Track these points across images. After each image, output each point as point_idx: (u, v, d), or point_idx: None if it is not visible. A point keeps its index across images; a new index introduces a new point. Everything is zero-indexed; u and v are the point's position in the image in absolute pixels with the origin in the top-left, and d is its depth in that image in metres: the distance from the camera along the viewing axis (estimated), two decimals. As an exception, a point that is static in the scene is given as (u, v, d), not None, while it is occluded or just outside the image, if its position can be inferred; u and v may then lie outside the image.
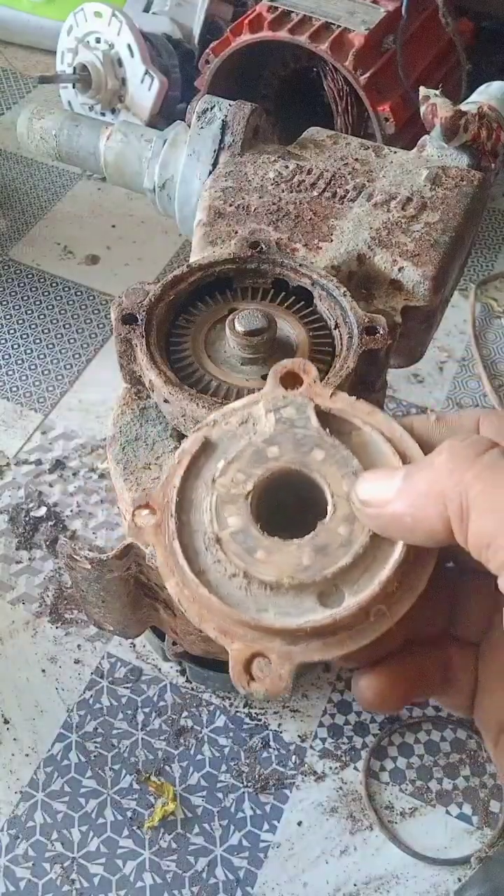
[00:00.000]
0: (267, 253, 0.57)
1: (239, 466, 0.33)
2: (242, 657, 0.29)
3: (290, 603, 0.30)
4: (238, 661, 0.29)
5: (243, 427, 0.34)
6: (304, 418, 0.34)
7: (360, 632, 0.30)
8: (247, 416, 0.34)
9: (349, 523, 0.31)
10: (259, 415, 0.34)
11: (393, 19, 1.16)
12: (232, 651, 0.29)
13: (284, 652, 0.29)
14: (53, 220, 1.40)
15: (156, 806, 0.82)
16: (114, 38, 1.35)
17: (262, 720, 0.88)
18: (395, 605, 0.30)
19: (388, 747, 0.87)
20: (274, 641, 0.30)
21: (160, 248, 1.35)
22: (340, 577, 0.30)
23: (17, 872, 0.79)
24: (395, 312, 0.59)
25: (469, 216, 0.65)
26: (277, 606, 0.30)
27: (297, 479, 0.33)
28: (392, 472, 0.29)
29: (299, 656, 0.29)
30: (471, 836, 0.82)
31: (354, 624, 0.30)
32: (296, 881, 0.79)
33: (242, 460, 0.33)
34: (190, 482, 0.33)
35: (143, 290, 0.54)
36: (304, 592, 0.30)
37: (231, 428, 0.34)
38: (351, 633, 0.30)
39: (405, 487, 0.28)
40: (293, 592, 0.30)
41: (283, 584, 0.30)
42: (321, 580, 0.30)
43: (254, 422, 0.34)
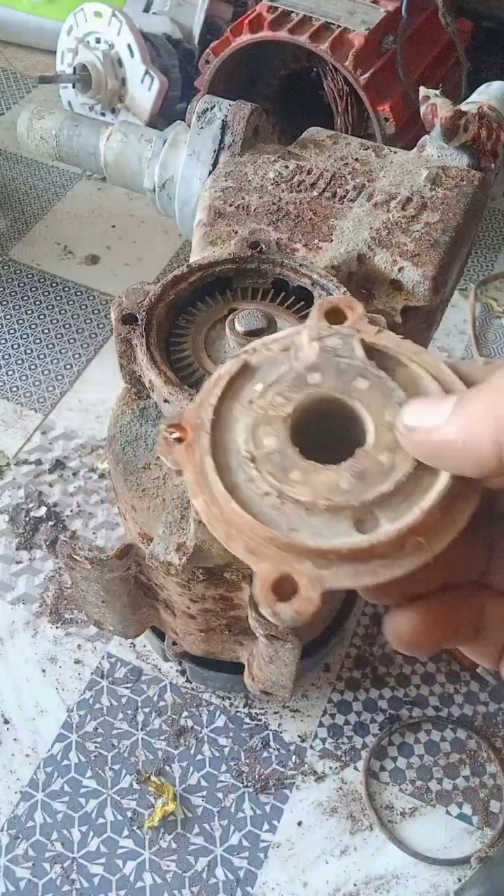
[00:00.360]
0: (267, 253, 0.57)
1: (278, 390, 0.32)
2: (271, 577, 0.28)
3: (325, 525, 0.29)
4: (266, 581, 0.28)
5: (285, 354, 0.33)
6: (349, 348, 0.33)
7: (395, 562, 0.29)
8: (289, 344, 0.34)
9: (391, 452, 0.30)
10: (302, 343, 0.33)
11: (393, 19, 1.16)
12: (260, 571, 0.28)
13: (315, 575, 0.28)
14: (53, 220, 1.40)
15: (156, 806, 0.82)
16: (114, 38, 1.35)
17: (262, 720, 0.88)
18: (434, 539, 0.29)
19: (388, 747, 0.87)
20: (304, 564, 0.28)
21: (160, 248, 1.35)
22: (379, 504, 0.29)
23: (17, 872, 0.79)
24: (395, 312, 0.59)
25: (469, 216, 0.65)
26: (311, 528, 0.29)
27: (337, 409, 0.32)
28: (443, 399, 0.28)
29: (330, 580, 0.28)
30: (471, 836, 0.82)
31: (390, 553, 0.29)
32: (296, 881, 0.79)
33: (282, 384, 0.32)
34: (226, 403, 0.32)
35: (143, 290, 0.54)
36: (339, 516, 0.29)
37: (272, 354, 0.33)
38: (385, 562, 0.28)
39: (459, 411, 0.27)
40: (328, 515, 0.29)
41: (319, 506, 0.29)
42: (359, 505, 0.29)
43: (296, 349, 0.33)
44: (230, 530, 0.30)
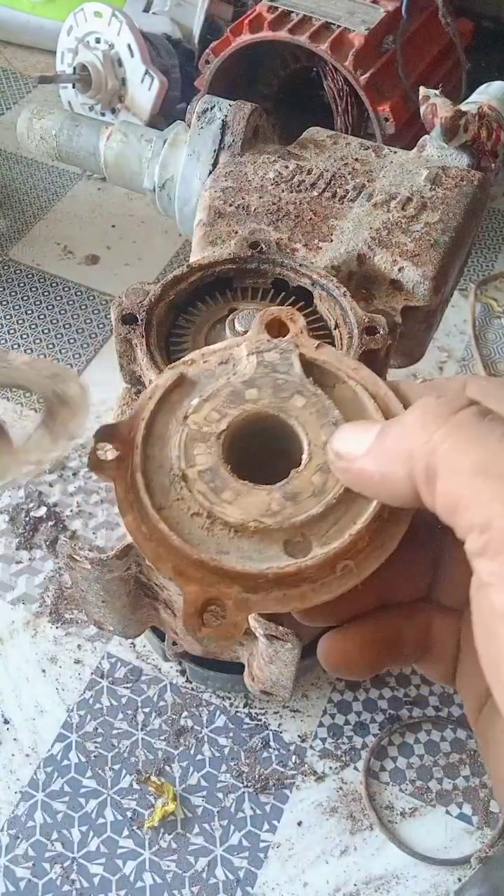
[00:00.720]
0: (267, 253, 0.57)
1: (214, 405, 0.31)
2: (198, 601, 0.28)
3: (254, 548, 0.29)
4: (192, 605, 0.27)
5: (222, 367, 0.33)
6: (287, 364, 0.32)
7: (323, 586, 0.28)
8: (227, 357, 0.33)
9: (324, 473, 0.30)
10: (240, 356, 0.33)
11: (393, 19, 1.16)
12: (187, 594, 0.28)
13: (241, 599, 0.28)
14: (53, 220, 1.40)
15: (156, 806, 0.82)
16: (114, 38, 1.35)
17: (262, 720, 0.88)
18: (364, 562, 0.29)
19: (388, 747, 0.87)
20: (232, 587, 0.28)
21: (160, 248, 1.35)
22: (309, 527, 0.29)
23: (17, 872, 0.79)
24: (395, 312, 0.59)
25: (469, 216, 0.65)
26: (240, 550, 0.29)
27: (273, 425, 0.32)
28: (369, 426, 0.28)
29: (257, 605, 0.28)
30: (471, 836, 0.82)
31: (319, 577, 0.28)
32: (296, 881, 0.79)
33: (218, 399, 0.31)
34: (160, 417, 0.31)
35: (143, 290, 0.54)
36: (269, 538, 0.29)
37: (209, 367, 0.33)
38: (314, 586, 0.28)
39: (377, 444, 0.27)
40: (258, 537, 0.29)
41: (248, 528, 0.29)
42: (288, 527, 0.29)
43: (234, 363, 0.33)
44: (159, 550, 0.29)
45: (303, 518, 0.29)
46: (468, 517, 0.23)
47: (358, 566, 0.29)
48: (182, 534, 0.29)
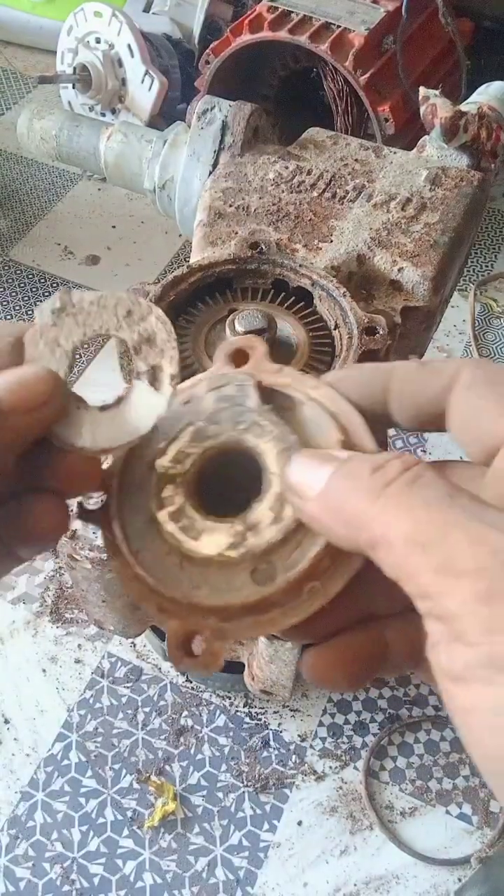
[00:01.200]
0: (267, 253, 0.57)
1: (179, 446, 0.32)
2: (179, 634, 0.29)
3: (223, 580, 0.30)
4: (174, 638, 0.29)
5: (186, 407, 0.34)
6: (243, 395, 0.33)
7: (292, 609, 0.30)
8: (189, 397, 0.34)
9: (281, 501, 0.31)
10: (201, 394, 0.34)
11: (393, 19, 1.16)
12: (168, 629, 0.29)
13: (217, 629, 0.29)
14: (54, 221, 1.40)
15: (156, 806, 0.82)
16: (114, 38, 1.35)
17: (262, 720, 0.88)
18: (330, 582, 0.30)
19: (388, 747, 0.87)
20: (208, 619, 0.30)
21: (160, 248, 1.36)
22: (272, 554, 0.30)
23: (17, 872, 0.79)
24: (395, 313, 0.59)
25: (469, 216, 0.65)
26: (210, 584, 0.30)
27: (235, 458, 0.33)
28: (325, 461, 0.28)
29: (232, 633, 0.29)
30: (471, 835, 0.82)
31: (287, 601, 0.29)
32: (296, 881, 0.79)
33: (183, 440, 0.33)
34: (132, 462, 0.33)
35: (143, 291, 0.54)
36: (235, 569, 0.30)
37: (174, 408, 0.34)
38: (283, 609, 0.30)
39: (324, 494, 0.27)
40: (225, 570, 0.30)
41: (214, 562, 0.30)
42: (251, 557, 0.30)
43: (196, 402, 0.34)
44: (142, 590, 0.31)
45: (264, 547, 0.30)
46: (409, 587, 0.24)
47: (324, 586, 0.30)
48: (157, 574, 0.30)
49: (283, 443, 0.32)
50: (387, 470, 0.26)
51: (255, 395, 0.33)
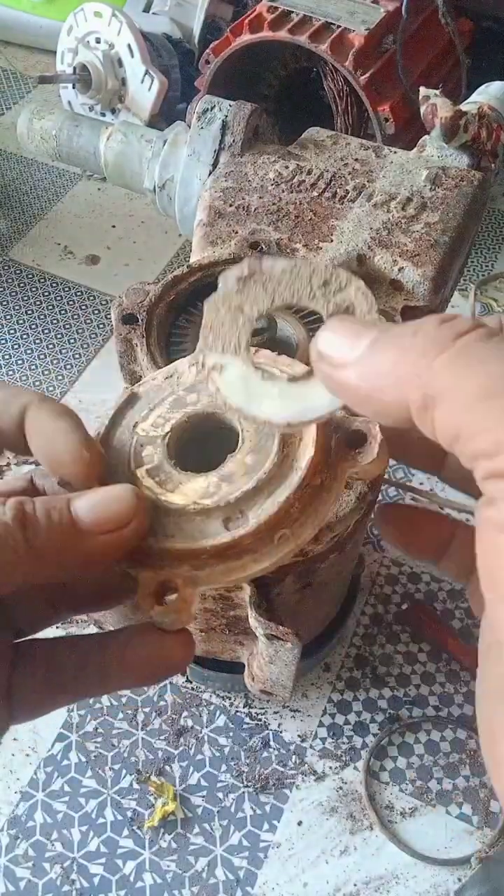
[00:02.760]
0: (267, 253, 0.57)
1: (160, 412, 0.35)
2: (151, 584, 0.30)
3: (196, 528, 0.31)
4: (146, 587, 0.30)
5: (168, 381, 0.36)
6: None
7: (263, 555, 0.31)
8: (172, 371, 0.36)
9: (255, 454, 0.32)
10: (183, 369, 0.36)
11: (393, 19, 1.16)
12: (141, 578, 0.30)
13: (190, 577, 0.30)
14: (53, 220, 1.40)
15: (156, 806, 0.82)
16: (114, 38, 1.35)
17: (262, 720, 0.88)
18: (300, 530, 0.31)
19: (388, 747, 0.87)
20: (181, 567, 0.30)
21: (160, 248, 1.36)
22: (244, 502, 0.31)
23: (17, 872, 0.79)
24: (395, 312, 0.59)
25: (469, 216, 0.65)
26: (183, 532, 0.31)
27: (213, 422, 0.34)
28: (362, 331, 0.26)
29: (204, 580, 0.30)
30: (471, 836, 0.82)
31: (258, 548, 0.31)
32: (296, 881, 0.79)
33: (163, 407, 0.35)
34: (114, 431, 0.35)
35: (144, 290, 0.54)
36: (209, 518, 0.31)
37: (157, 382, 0.36)
38: (255, 556, 0.31)
39: (367, 358, 0.25)
40: (198, 518, 0.31)
41: (189, 510, 0.31)
42: (225, 505, 0.31)
43: (178, 375, 0.36)
44: None
45: (237, 495, 0.31)
46: (472, 445, 0.22)
47: (294, 533, 0.31)
48: None
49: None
50: (456, 324, 0.24)
51: None
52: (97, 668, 0.31)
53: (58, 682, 0.31)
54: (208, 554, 0.30)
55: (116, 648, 0.31)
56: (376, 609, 0.96)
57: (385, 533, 0.33)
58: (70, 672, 0.32)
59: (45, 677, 0.31)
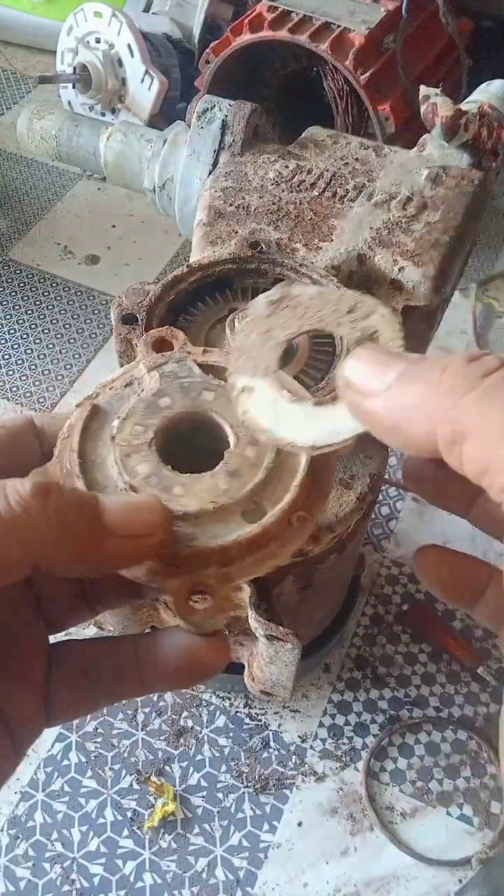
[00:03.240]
0: (267, 253, 0.57)
1: (135, 420, 0.34)
2: (183, 591, 0.30)
3: (218, 526, 0.31)
4: (179, 595, 0.30)
5: (129, 388, 0.36)
6: (186, 369, 0.36)
7: (288, 540, 0.31)
8: (130, 379, 0.36)
9: (253, 445, 0.33)
10: (142, 375, 0.36)
11: (393, 19, 1.16)
12: (170, 587, 0.30)
13: (222, 575, 0.30)
14: (53, 220, 1.40)
15: (156, 806, 0.82)
16: (114, 38, 1.35)
17: (262, 720, 0.88)
18: (312, 508, 0.32)
19: (389, 748, 0.87)
20: (209, 569, 0.30)
21: (160, 248, 1.35)
22: (258, 493, 0.32)
23: (17, 872, 0.79)
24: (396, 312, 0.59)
25: (470, 216, 0.65)
26: (206, 533, 0.31)
27: (195, 421, 0.35)
28: (389, 362, 0.27)
29: (237, 574, 0.31)
30: (471, 837, 0.82)
31: (280, 533, 0.31)
32: (296, 882, 0.79)
33: (137, 415, 0.34)
34: (87, 446, 0.34)
35: (143, 290, 0.54)
36: (228, 514, 0.32)
37: (117, 392, 0.35)
38: (279, 542, 0.31)
39: (395, 390, 0.26)
40: (218, 516, 0.31)
41: (208, 510, 0.31)
42: (241, 499, 0.32)
43: (138, 382, 0.36)
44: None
45: (251, 487, 0.32)
46: (501, 478, 0.23)
47: (309, 512, 0.32)
48: None
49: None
50: (484, 362, 0.25)
51: (197, 367, 0.35)
52: (134, 671, 0.31)
53: (96, 685, 0.32)
54: (239, 548, 0.30)
55: (150, 652, 0.31)
56: (377, 609, 0.96)
57: (422, 576, 0.34)
58: (108, 675, 0.32)
59: (83, 679, 0.32)
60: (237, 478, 0.32)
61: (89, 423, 0.34)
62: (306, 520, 0.32)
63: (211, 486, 0.32)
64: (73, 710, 0.32)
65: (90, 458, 0.33)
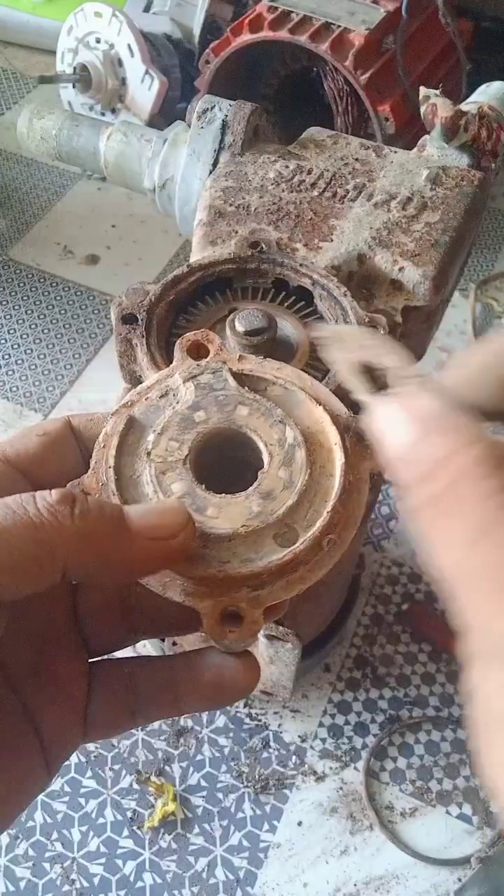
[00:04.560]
0: (267, 253, 0.57)
1: (170, 435, 0.34)
2: (215, 613, 0.30)
3: (250, 549, 0.31)
4: (212, 617, 0.30)
5: (164, 399, 0.35)
6: (221, 381, 0.35)
7: (317, 563, 0.31)
8: (165, 389, 0.35)
9: (287, 466, 0.33)
10: (177, 385, 0.35)
11: (393, 19, 1.16)
12: (203, 609, 0.30)
13: (252, 598, 0.30)
14: (53, 220, 1.40)
15: (156, 806, 0.82)
16: (114, 38, 1.35)
17: (262, 720, 0.88)
18: (343, 532, 0.32)
19: (389, 747, 0.87)
20: (240, 591, 0.31)
21: (160, 248, 1.35)
22: (290, 516, 0.32)
23: (17, 872, 0.79)
24: (396, 312, 0.59)
25: (469, 216, 0.65)
26: (238, 556, 0.31)
27: (229, 437, 0.34)
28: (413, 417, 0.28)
29: (268, 599, 0.31)
30: (471, 836, 0.82)
31: (311, 557, 0.31)
32: (296, 881, 0.79)
33: (172, 429, 0.34)
34: (123, 460, 0.34)
35: (144, 290, 0.54)
36: (260, 537, 0.32)
37: (152, 402, 0.35)
38: (309, 566, 0.31)
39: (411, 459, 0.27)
40: (251, 539, 0.32)
41: (240, 534, 0.31)
42: (274, 522, 0.32)
43: (173, 393, 0.35)
44: (164, 580, 0.31)
45: (283, 511, 0.32)
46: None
47: (340, 536, 0.32)
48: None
49: (273, 417, 0.34)
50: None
51: (232, 379, 0.35)
52: (169, 691, 0.32)
53: (133, 704, 0.32)
54: (269, 574, 0.31)
55: (185, 672, 0.32)
56: (377, 609, 0.96)
57: None
58: (144, 694, 0.32)
59: (122, 698, 0.32)
60: (270, 500, 0.32)
61: (126, 436, 0.34)
62: (337, 543, 0.32)
63: (244, 509, 0.32)
64: (110, 728, 0.33)
65: (126, 474, 0.33)
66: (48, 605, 0.32)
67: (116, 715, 0.32)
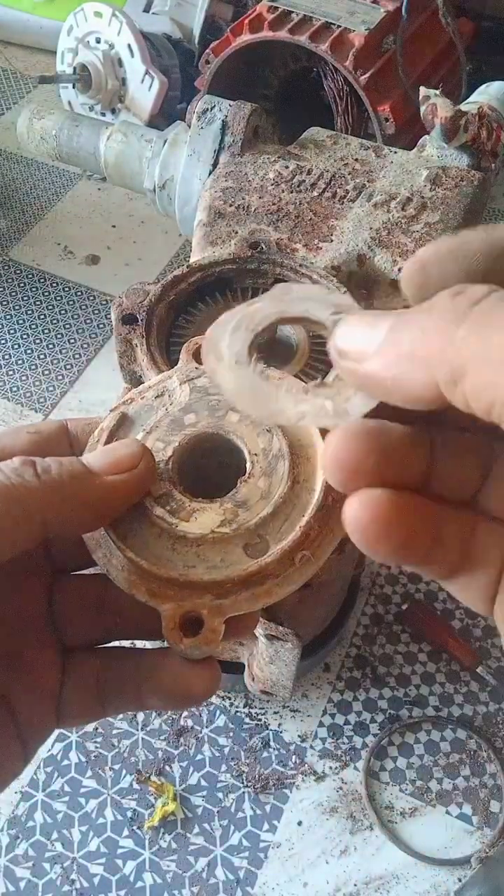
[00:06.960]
0: (267, 253, 0.57)
1: (158, 436, 0.34)
2: (174, 616, 0.30)
3: (217, 557, 0.31)
4: (171, 620, 0.30)
5: (159, 400, 0.35)
6: (216, 386, 0.34)
7: (286, 578, 0.31)
8: (162, 390, 0.35)
9: (268, 477, 0.32)
10: (174, 387, 0.35)
11: (393, 19, 1.16)
12: (163, 611, 0.30)
13: (215, 606, 0.30)
14: (53, 220, 1.40)
15: (156, 806, 0.82)
16: (114, 38, 1.35)
17: (262, 720, 0.88)
18: (318, 549, 0.31)
19: (388, 747, 0.87)
20: (204, 597, 0.30)
21: (160, 248, 1.35)
22: (263, 528, 0.31)
23: (17, 872, 0.79)
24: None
25: (469, 216, 0.65)
26: (205, 562, 0.31)
27: (215, 443, 0.34)
28: (377, 321, 0.25)
29: (230, 608, 0.30)
30: (471, 836, 0.82)
31: (280, 571, 0.30)
32: (296, 881, 0.79)
33: (160, 430, 0.34)
34: None
35: (144, 291, 0.54)
36: (229, 546, 0.31)
37: (147, 402, 0.35)
38: (278, 580, 0.31)
39: (387, 344, 0.24)
40: (219, 546, 0.31)
41: (208, 539, 0.31)
42: (244, 531, 0.31)
43: (169, 394, 0.35)
44: (131, 578, 0.31)
45: (256, 521, 0.31)
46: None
47: (314, 554, 0.31)
48: (149, 557, 0.31)
49: (261, 425, 0.33)
50: (470, 292, 0.23)
51: None
52: (133, 686, 0.32)
53: (104, 695, 0.32)
54: (233, 583, 0.30)
55: (147, 670, 0.32)
56: (376, 609, 0.96)
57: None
58: (111, 686, 0.32)
59: (94, 688, 0.32)
60: (244, 509, 0.32)
61: (115, 432, 0.34)
62: (309, 561, 0.31)
63: (217, 515, 0.32)
64: (82, 716, 0.33)
65: None
66: (24, 599, 0.33)
67: (87, 704, 0.32)
